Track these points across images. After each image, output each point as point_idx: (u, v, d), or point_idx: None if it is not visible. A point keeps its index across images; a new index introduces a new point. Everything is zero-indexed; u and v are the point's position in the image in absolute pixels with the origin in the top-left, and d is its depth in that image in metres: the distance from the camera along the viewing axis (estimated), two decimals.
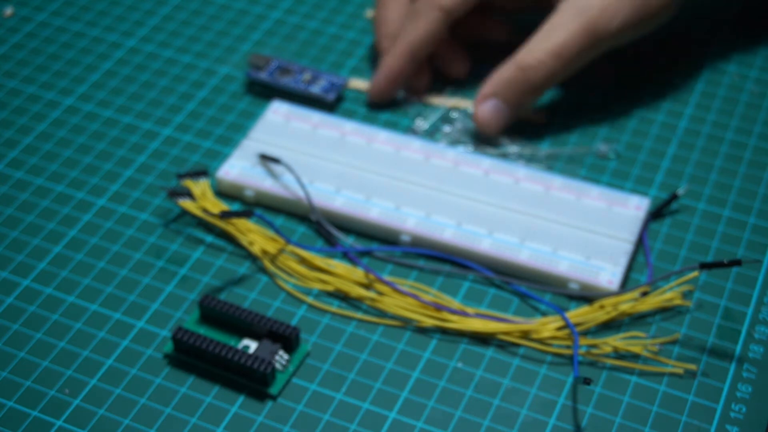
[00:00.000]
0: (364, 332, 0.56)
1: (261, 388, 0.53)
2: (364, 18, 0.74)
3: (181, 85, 0.69)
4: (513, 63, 0.63)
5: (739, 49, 0.72)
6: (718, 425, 0.52)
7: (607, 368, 0.54)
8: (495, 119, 0.64)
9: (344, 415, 0.52)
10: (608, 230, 0.59)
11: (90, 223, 0.61)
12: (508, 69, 0.64)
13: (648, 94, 0.68)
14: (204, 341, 0.53)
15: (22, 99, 0.68)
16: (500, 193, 0.60)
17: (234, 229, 0.59)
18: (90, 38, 0.72)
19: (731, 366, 0.54)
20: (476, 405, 0.53)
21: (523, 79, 0.63)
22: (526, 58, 0.63)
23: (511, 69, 0.63)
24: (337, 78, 0.67)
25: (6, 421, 0.52)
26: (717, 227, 0.61)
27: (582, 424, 0.52)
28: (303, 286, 0.58)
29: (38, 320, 0.56)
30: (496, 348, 0.55)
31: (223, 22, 0.74)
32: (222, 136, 0.66)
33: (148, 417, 0.52)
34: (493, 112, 0.64)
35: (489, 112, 0.64)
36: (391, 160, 0.62)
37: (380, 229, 0.59)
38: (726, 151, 0.65)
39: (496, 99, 0.64)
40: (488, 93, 0.64)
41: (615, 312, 0.55)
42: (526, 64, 0.63)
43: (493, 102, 0.64)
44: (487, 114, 0.64)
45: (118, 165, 0.64)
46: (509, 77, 0.63)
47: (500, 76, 0.64)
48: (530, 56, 0.63)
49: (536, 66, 0.63)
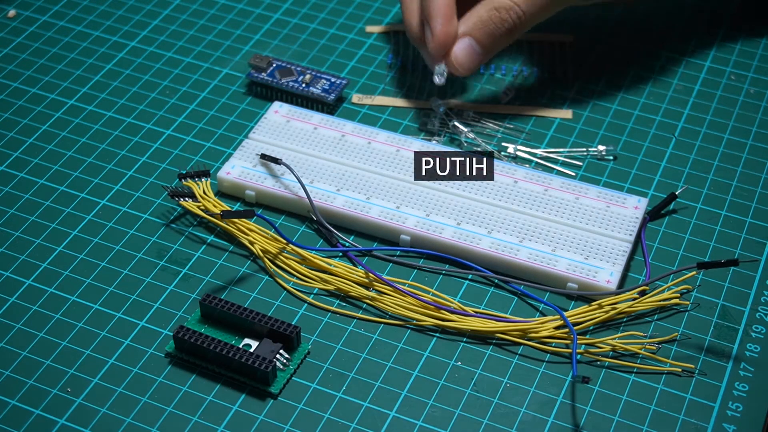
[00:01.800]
0: (364, 331, 0.56)
1: (262, 387, 0.53)
2: (364, 18, 0.74)
3: (182, 85, 0.69)
4: (488, 2, 0.63)
5: (736, 49, 0.72)
6: (715, 423, 0.52)
7: (606, 367, 0.54)
8: (469, 60, 0.63)
9: (344, 413, 0.52)
10: (607, 230, 0.59)
11: (91, 223, 0.61)
12: (483, 8, 0.63)
13: (646, 94, 0.69)
14: (205, 340, 0.53)
15: (25, 99, 0.68)
16: (499, 193, 0.61)
17: (235, 229, 0.59)
18: (92, 39, 0.72)
19: (728, 365, 0.54)
20: (475, 403, 0.53)
21: (498, 20, 0.62)
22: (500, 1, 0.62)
23: (486, 9, 0.63)
24: (338, 79, 0.67)
25: (9, 420, 0.52)
26: (714, 227, 0.61)
27: (580, 423, 0.52)
28: (303, 285, 0.58)
29: (40, 319, 0.56)
30: (495, 347, 0.55)
31: (224, 23, 0.74)
32: (223, 137, 0.66)
33: (150, 415, 0.52)
34: (468, 52, 0.63)
35: (463, 52, 0.63)
36: (391, 160, 0.62)
37: (380, 229, 0.60)
38: (723, 151, 0.65)
39: (471, 39, 0.63)
40: (463, 32, 0.63)
41: (613, 311, 0.55)
42: (501, 4, 0.62)
43: (467, 41, 0.63)
44: (461, 54, 0.63)
45: (119, 165, 0.64)
46: (484, 17, 0.63)
47: (475, 15, 0.63)
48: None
49: (511, 7, 0.62)
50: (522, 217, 0.60)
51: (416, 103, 0.68)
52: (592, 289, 0.57)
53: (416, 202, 0.60)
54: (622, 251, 0.58)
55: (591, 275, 0.57)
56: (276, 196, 0.61)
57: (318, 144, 0.63)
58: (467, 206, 0.60)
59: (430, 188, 0.61)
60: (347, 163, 0.62)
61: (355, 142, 0.63)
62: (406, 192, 0.61)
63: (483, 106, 0.67)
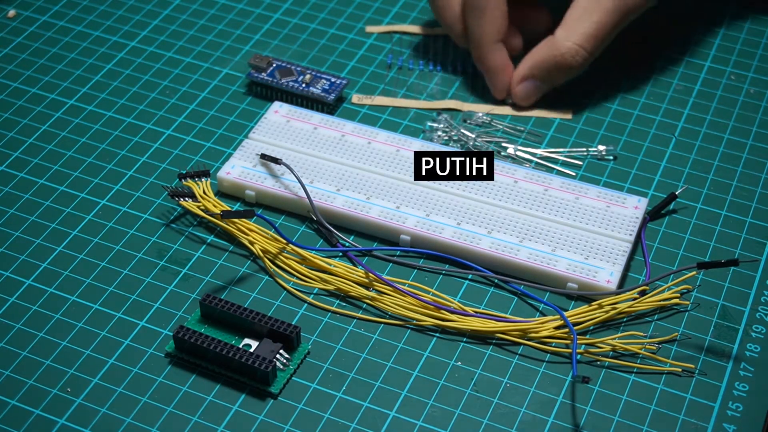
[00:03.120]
0: (364, 331, 0.56)
1: (262, 387, 0.53)
2: (364, 19, 0.74)
3: (182, 85, 0.69)
4: (550, 46, 0.65)
5: (736, 49, 0.72)
6: (715, 423, 0.52)
7: (606, 367, 0.54)
8: (531, 96, 0.67)
9: (344, 413, 0.52)
10: (607, 230, 0.59)
11: (91, 223, 0.61)
12: (545, 51, 0.65)
13: (646, 94, 0.69)
14: (205, 340, 0.53)
15: (25, 99, 0.68)
16: (499, 193, 0.61)
17: (235, 229, 0.59)
18: (92, 39, 0.72)
19: (729, 365, 0.54)
20: (475, 403, 0.53)
21: (560, 62, 0.65)
22: (564, 43, 0.64)
23: (548, 52, 0.65)
24: (338, 79, 0.68)
25: (9, 420, 0.52)
26: (714, 227, 0.61)
27: (580, 423, 0.52)
28: (303, 285, 0.58)
29: (40, 319, 0.56)
30: (495, 347, 0.55)
31: (224, 23, 0.74)
32: (223, 137, 0.66)
33: (150, 415, 0.52)
34: (530, 90, 0.66)
35: (526, 91, 0.66)
36: (391, 160, 0.62)
37: (380, 229, 0.60)
38: (723, 151, 0.65)
39: (534, 80, 0.66)
40: (525, 75, 0.66)
41: (613, 311, 0.55)
42: (564, 48, 0.64)
43: (531, 82, 0.66)
44: (524, 93, 0.66)
45: (119, 165, 0.64)
46: (546, 60, 0.65)
47: (537, 58, 0.66)
48: (568, 42, 0.64)
49: (573, 50, 0.64)
50: (522, 217, 0.60)
51: (416, 103, 0.68)
52: (592, 289, 0.57)
53: (416, 202, 0.60)
54: (622, 251, 0.58)
55: (591, 275, 0.57)
56: (276, 196, 0.61)
57: (318, 144, 0.63)
58: (467, 206, 0.60)
59: (430, 188, 0.61)
60: (347, 163, 0.62)
61: (355, 142, 0.63)
62: (406, 192, 0.61)
63: (484, 107, 0.67)
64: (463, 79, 0.69)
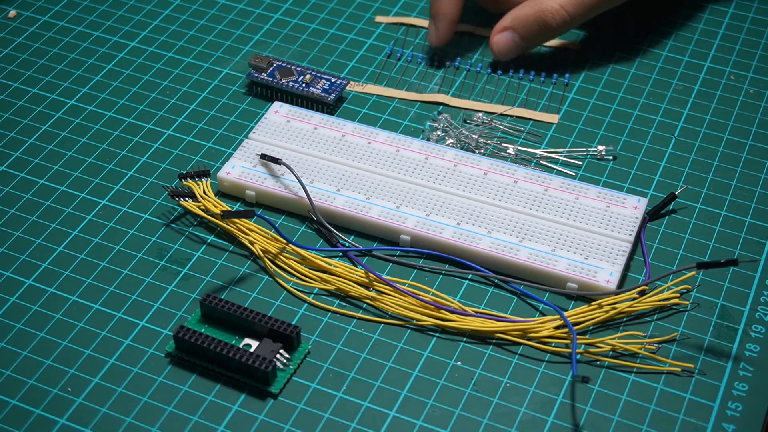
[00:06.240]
0: (364, 331, 0.56)
1: (262, 387, 0.53)
2: (364, 19, 0.74)
3: (182, 85, 0.69)
4: (535, 3, 0.66)
5: (736, 49, 0.72)
6: (715, 423, 0.52)
7: (605, 367, 0.54)
8: (509, 49, 0.68)
9: (344, 413, 0.52)
10: (606, 230, 0.59)
11: (92, 223, 0.61)
12: (529, 8, 0.66)
13: (646, 94, 0.69)
14: (205, 340, 0.53)
15: (25, 99, 0.68)
16: (499, 193, 0.61)
17: (235, 229, 0.59)
18: (92, 39, 0.73)
19: (728, 364, 0.54)
20: (475, 403, 0.53)
21: (542, 21, 0.66)
22: (549, 3, 0.66)
23: (532, 9, 0.66)
24: (338, 79, 0.68)
25: (9, 420, 0.52)
26: (714, 227, 0.61)
27: (580, 423, 0.52)
28: (303, 285, 0.58)
29: (40, 319, 0.56)
30: (495, 347, 0.55)
31: (224, 23, 0.74)
32: (223, 137, 0.66)
33: (150, 415, 0.52)
34: (509, 42, 0.67)
35: (504, 42, 0.67)
36: (391, 160, 0.62)
37: (380, 229, 0.60)
38: (723, 151, 0.65)
39: (513, 32, 0.67)
40: (506, 26, 0.67)
41: (613, 311, 0.56)
42: (546, 5, 0.66)
43: (509, 33, 0.67)
44: (503, 44, 0.67)
45: (119, 165, 0.64)
46: (529, 16, 0.66)
47: (520, 13, 0.67)
48: (553, 1, 0.66)
49: (557, 11, 0.65)
50: (522, 217, 0.60)
51: (410, 95, 0.68)
52: (592, 288, 0.57)
53: (416, 202, 0.60)
54: (621, 251, 0.58)
55: (591, 275, 0.57)
56: (276, 196, 0.61)
57: (318, 144, 0.63)
58: (467, 206, 0.60)
59: (430, 188, 0.61)
60: (347, 163, 0.62)
61: (355, 142, 0.63)
62: (406, 192, 0.61)
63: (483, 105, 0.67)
64: (464, 75, 0.69)
